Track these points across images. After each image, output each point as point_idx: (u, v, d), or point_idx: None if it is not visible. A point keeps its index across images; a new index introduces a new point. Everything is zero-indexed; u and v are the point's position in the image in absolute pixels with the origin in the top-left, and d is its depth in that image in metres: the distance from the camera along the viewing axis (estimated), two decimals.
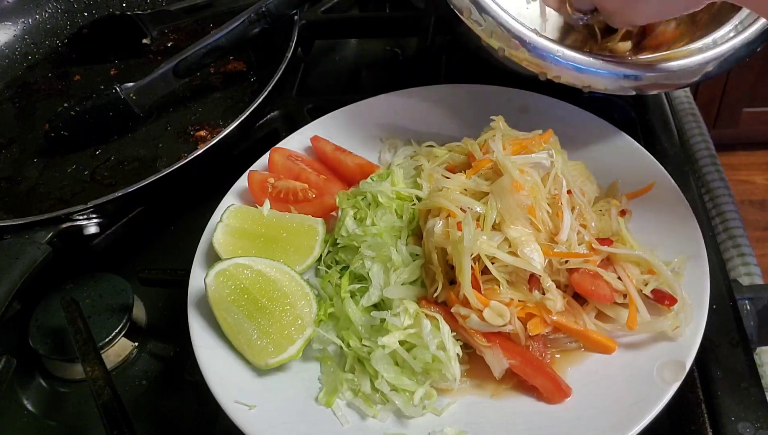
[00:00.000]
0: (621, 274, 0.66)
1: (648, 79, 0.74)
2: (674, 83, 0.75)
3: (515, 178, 0.67)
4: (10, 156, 0.99)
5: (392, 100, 0.89)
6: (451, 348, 0.64)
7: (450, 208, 0.67)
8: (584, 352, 0.66)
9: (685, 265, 0.67)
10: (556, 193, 0.68)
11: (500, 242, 0.65)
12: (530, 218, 0.66)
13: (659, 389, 0.59)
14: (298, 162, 0.84)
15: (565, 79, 0.74)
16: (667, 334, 0.63)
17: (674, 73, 0.74)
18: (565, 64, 0.73)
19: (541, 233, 0.66)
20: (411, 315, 0.65)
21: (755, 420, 0.60)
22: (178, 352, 0.77)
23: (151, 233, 0.90)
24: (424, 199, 0.73)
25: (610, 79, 0.74)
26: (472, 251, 0.63)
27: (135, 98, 0.95)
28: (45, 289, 0.78)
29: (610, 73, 0.73)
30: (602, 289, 0.65)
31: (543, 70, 0.73)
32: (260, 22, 0.96)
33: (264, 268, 0.70)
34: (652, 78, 0.74)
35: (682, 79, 0.75)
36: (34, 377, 0.76)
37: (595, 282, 0.65)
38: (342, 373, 0.66)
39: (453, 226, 0.66)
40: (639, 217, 0.74)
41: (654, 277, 0.66)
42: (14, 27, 1.16)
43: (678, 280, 0.66)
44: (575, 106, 0.84)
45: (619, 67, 0.73)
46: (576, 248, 0.66)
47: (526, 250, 0.64)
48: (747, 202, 2.42)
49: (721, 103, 2.44)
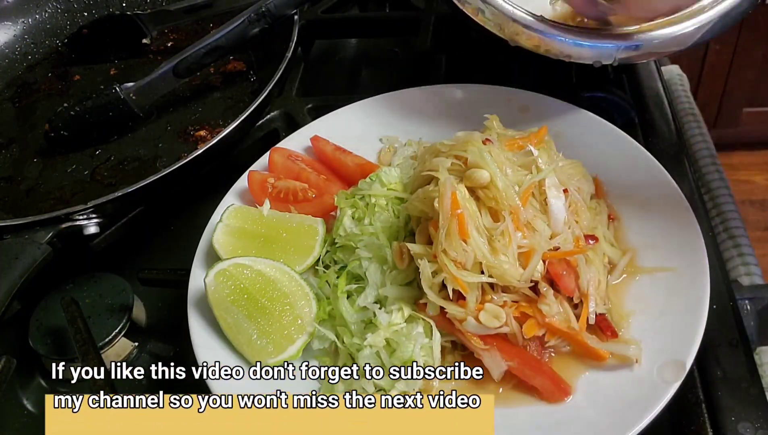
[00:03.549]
0: (591, 275, 0.66)
1: (647, 46, 0.75)
2: (671, 50, 0.76)
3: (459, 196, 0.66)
4: (10, 156, 0.99)
5: (392, 100, 0.89)
6: (437, 350, 0.64)
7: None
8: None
9: (685, 265, 0.67)
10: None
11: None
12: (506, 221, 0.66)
13: (659, 389, 0.59)
14: (298, 162, 0.84)
15: (574, 58, 0.75)
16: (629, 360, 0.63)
17: (674, 39, 0.75)
18: (568, 41, 0.74)
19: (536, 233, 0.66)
20: (404, 316, 0.66)
21: (755, 420, 0.60)
22: (178, 352, 0.77)
23: (151, 233, 0.90)
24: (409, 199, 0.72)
25: (611, 51, 0.75)
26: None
27: (135, 98, 0.95)
28: (45, 289, 0.78)
29: (613, 45, 0.75)
30: (568, 280, 0.65)
31: (550, 49, 0.75)
32: (260, 22, 0.96)
33: (264, 268, 0.70)
34: (652, 45, 0.75)
35: (679, 45, 0.76)
36: (34, 377, 0.76)
37: (567, 270, 0.65)
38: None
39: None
40: (639, 217, 0.74)
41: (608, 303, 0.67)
42: (14, 27, 1.16)
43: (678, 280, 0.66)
44: (575, 106, 0.84)
45: (620, 40, 0.75)
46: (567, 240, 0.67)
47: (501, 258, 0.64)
48: (747, 202, 2.42)
49: (721, 103, 2.44)
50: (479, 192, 0.67)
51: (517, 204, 0.66)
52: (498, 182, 0.66)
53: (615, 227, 0.74)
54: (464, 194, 0.66)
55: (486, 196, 0.66)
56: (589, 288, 0.66)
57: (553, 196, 0.68)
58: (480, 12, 0.78)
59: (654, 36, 0.75)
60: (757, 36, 2.18)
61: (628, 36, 0.75)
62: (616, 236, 0.74)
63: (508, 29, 0.77)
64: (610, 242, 0.72)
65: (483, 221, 0.65)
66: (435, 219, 0.65)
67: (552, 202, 0.68)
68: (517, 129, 0.78)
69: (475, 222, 0.65)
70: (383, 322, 0.65)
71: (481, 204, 0.66)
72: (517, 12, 0.77)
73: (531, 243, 0.65)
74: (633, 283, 0.70)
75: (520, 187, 0.67)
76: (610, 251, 0.71)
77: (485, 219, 0.66)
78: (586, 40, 0.75)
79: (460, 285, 0.63)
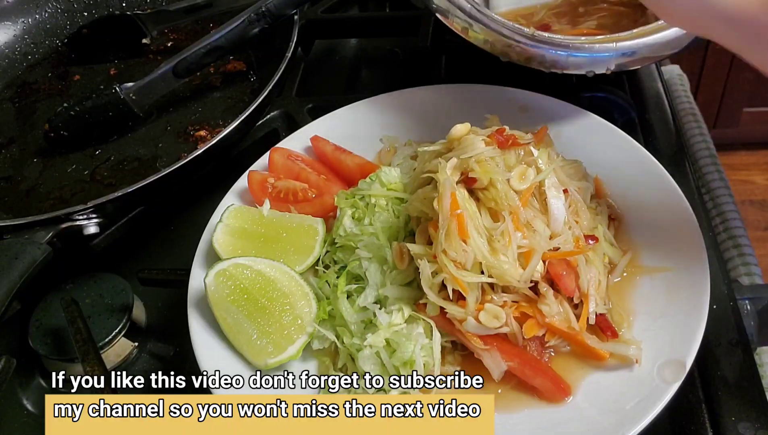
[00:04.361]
0: (591, 275, 0.66)
1: (641, 52, 0.75)
2: (665, 54, 0.77)
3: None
4: (10, 156, 0.99)
5: (392, 100, 0.89)
6: (437, 351, 0.64)
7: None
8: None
9: (686, 265, 0.67)
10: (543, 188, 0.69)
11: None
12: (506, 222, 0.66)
13: (659, 389, 0.59)
14: (298, 162, 0.84)
15: (569, 70, 0.75)
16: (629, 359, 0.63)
17: (666, 43, 0.75)
18: (561, 53, 0.75)
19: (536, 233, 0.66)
20: (404, 317, 0.66)
21: (755, 420, 0.60)
22: (178, 352, 0.77)
23: (151, 233, 0.90)
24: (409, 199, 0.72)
25: (605, 60, 0.75)
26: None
27: (135, 98, 0.95)
28: (45, 289, 0.78)
29: (607, 54, 0.75)
30: (568, 280, 0.65)
31: (543, 62, 0.75)
32: (260, 22, 0.96)
33: (264, 268, 0.70)
34: (646, 51, 0.75)
35: (672, 48, 0.76)
36: (34, 377, 0.76)
37: (568, 270, 0.65)
38: (334, 370, 0.66)
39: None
40: (639, 217, 0.74)
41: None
42: (14, 27, 1.16)
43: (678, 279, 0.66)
44: (575, 106, 0.84)
45: (614, 48, 0.75)
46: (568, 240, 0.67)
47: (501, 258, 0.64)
48: (747, 202, 2.42)
49: (721, 103, 2.44)
50: (479, 193, 0.67)
51: (517, 204, 0.66)
52: (497, 183, 0.66)
53: (615, 227, 0.74)
54: (464, 195, 0.66)
55: (486, 196, 0.66)
56: (589, 288, 0.66)
57: (552, 196, 0.68)
58: (469, 28, 0.78)
59: (647, 42, 0.75)
60: None
61: (621, 43, 0.75)
62: (617, 236, 0.73)
63: (499, 45, 0.77)
64: (611, 242, 0.72)
65: (483, 222, 0.65)
66: (435, 219, 0.65)
67: (552, 202, 0.67)
68: (517, 129, 0.78)
69: (475, 222, 0.65)
70: (383, 323, 0.65)
71: (481, 204, 0.66)
72: (505, 28, 0.77)
73: (531, 243, 0.65)
74: (633, 283, 0.70)
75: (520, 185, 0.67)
76: (610, 251, 0.71)
77: (485, 219, 0.66)
78: (579, 51, 0.76)
79: (460, 285, 0.63)
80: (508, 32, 0.77)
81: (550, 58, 0.76)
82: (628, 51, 0.75)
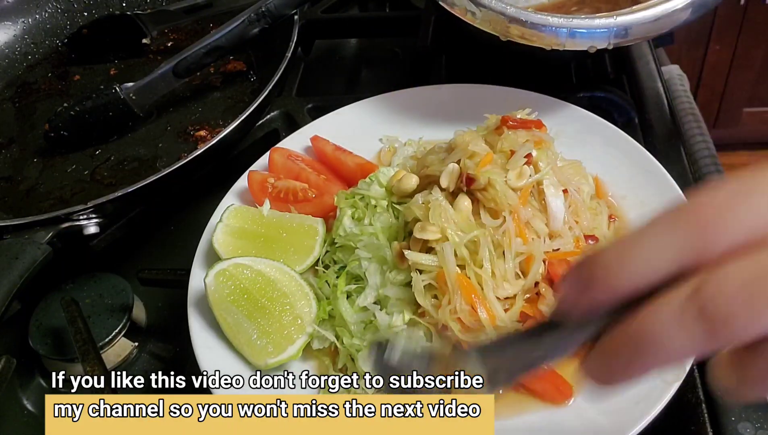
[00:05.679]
0: None
1: (639, 26, 0.75)
2: (665, 29, 0.76)
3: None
4: (10, 156, 0.99)
5: (392, 100, 0.89)
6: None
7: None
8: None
9: None
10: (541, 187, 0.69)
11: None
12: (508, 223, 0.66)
13: (659, 389, 0.59)
14: (298, 162, 0.84)
15: (568, 46, 0.75)
16: None
17: (661, 21, 0.75)
18: (561, 30, 0.74)
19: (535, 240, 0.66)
20: (405, 320, 0.65)
21: (755, 420, 0.60)
22: (178, 352, 0.77)
23: (151, 233, 0.90)
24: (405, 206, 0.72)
25: (605, 35, 0.75)
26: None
27: (135, 98, 0.95)
28: (45, 289, 0.78)
29: (606, 29, 0.75)
30: None
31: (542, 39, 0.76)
32: (260, 22, 0.96)
33: (264, 268, 0.70)
34: (642, 28, 0.75)
35: (673, 23, 0.76)
36: (34, 377, 0.76)
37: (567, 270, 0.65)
38: (333, 370, 0.66)
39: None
40: (639, 217, 0.74)
41: None
42: (14, 27, 1.16)
43: None
44: (575, 106, 0.84)
45: (613, 23, 0.75)
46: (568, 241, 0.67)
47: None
48: None
49: (721, 103, 2.44)
50: (478, 193, 0.67)
51: (517, 203, 0.65)
52: (496, 183, 0.66)
53: (615, 227, 0.74)
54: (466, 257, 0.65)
55: (485, 196, 0.66)
56: None
57: (551, 195, 0.68)
58: (469, 13, 0.78)
59: (646, 16, 0.74)
60: (757, 36, 2.18)
61: (620, 18, 0.75)
62: (616, 236, 0.73)
63: (499, 25, 0.77)
64: None
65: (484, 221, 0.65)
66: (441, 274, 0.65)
67: (550, 200, 0.67)
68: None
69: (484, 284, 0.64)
70: (383, 324, 0.65)
71: (481, 205, 0.66)
72: (507, 8, 0.76)
73: (530, 249, 0.65)
74: None
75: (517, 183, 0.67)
76: None
77: (486, 219, 0.66)
78: (578, 27, 0.75)
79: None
80: (508, 12, 0.76)
81: (550, 34, 0.76)
82: (629, 25, 0.75)
